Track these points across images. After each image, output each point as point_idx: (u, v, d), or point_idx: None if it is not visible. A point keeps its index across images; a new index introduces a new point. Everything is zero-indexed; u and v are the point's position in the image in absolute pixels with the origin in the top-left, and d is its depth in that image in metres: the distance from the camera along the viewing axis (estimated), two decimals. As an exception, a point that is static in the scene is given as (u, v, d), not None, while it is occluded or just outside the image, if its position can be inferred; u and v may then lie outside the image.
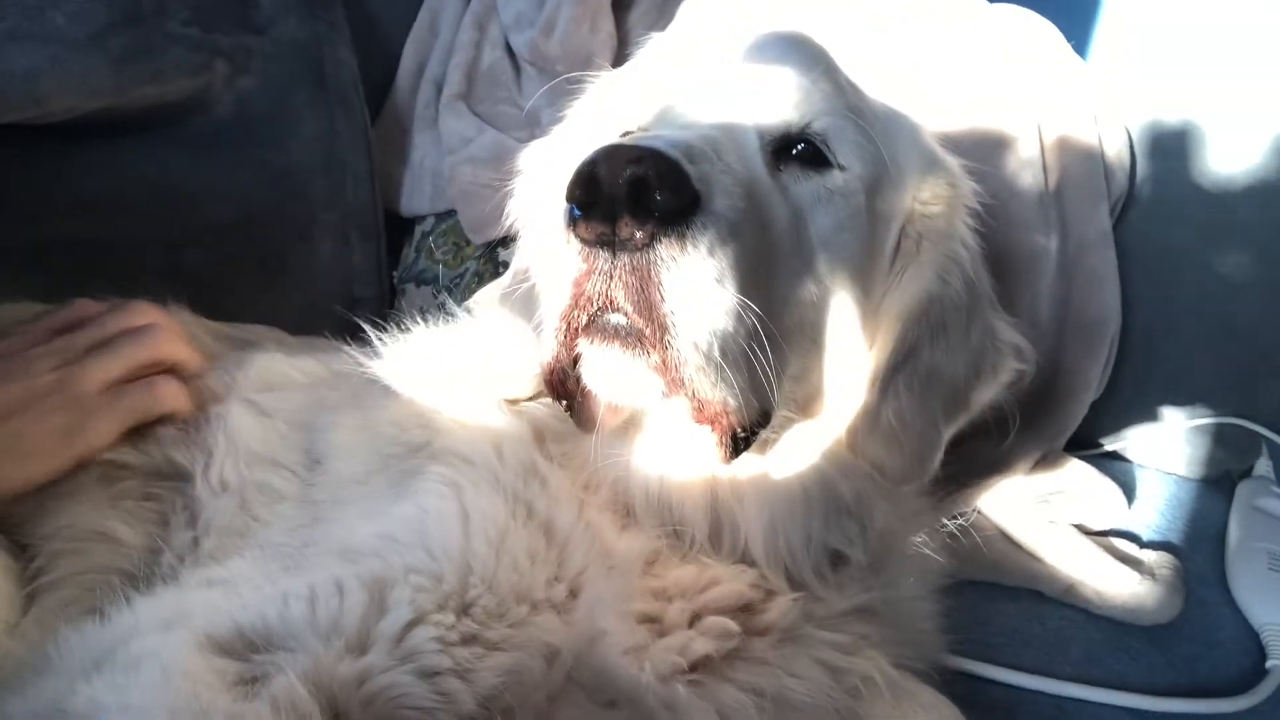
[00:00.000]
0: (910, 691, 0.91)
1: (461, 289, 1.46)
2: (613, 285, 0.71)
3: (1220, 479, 1.33)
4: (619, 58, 1.46)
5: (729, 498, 0.89)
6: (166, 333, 1.09)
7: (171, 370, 1.08)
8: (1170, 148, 1.46)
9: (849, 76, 0.93)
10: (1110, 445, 1.35)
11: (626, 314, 0.72)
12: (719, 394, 0.74)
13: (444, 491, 0.87)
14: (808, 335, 0.86)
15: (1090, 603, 1.08)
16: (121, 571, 0.93)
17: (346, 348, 1.10)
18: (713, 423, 0.76)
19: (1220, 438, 1.32)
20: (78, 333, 1.06)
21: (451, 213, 1.52)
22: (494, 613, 0.80)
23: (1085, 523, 1.18)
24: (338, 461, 0.97)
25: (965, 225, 0.95)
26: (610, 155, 0.68)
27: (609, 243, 0.70)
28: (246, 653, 0.74)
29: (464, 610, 0.79)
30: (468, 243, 1.48)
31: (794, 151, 0.86)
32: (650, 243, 0.69)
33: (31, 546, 0.96)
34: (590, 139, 0.94)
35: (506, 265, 1.43)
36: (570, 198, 0.70)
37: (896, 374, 0.92)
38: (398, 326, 1.08)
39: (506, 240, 1.44)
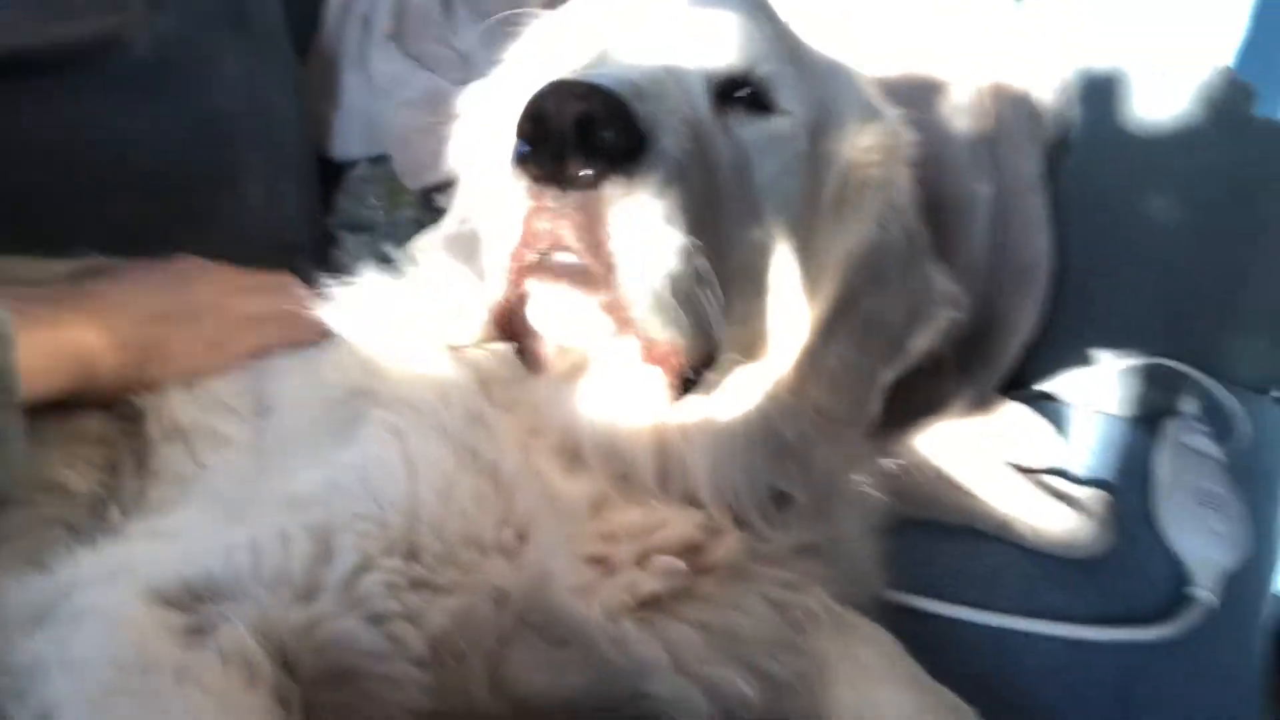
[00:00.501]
0: (852, 624, 0.94)
1: (400, 235, 1.43)
2: (561, 223, 0.70)
3: (1149, 417, 1.37)
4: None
5: (675, 439, 0.90)
6: (300, 291, 1.11)
7: None
8: (1105, 94, 1.47)
9: (788, 27, 0.93)
10: (1044, 386, 1.38)
11: (575, 252, 0.71)
12: (667, 334, 0.74)
13: (388, 438, 0.86)
14: (752, 279, 0.86)
15: (1025, 539, 1.11)
16: (68, 525, 0.92)
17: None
18: (661, 363, 0.76)
19: (1150, 377, 1.35)
20: (232, 275, 1.17)
21: (385, 157, 1.48)
22: (442, 558, 0.80)
23: (1021, 461, 1.20)
24: (285, 411, 0.97)
25: (903, 174, 0.96)
26: (557, 91, 0.67)
27: (557, 180, 0.69)
28: (193, 604, 0.73)
29: (412, 555, 0.79)
30: (404, 188, 1.45)
31: (737, 95, 0.86)
32: (598, 181, 0.68)
33: None
34: (531, 82, 0.93)
35: (445, 211, 1.40)
36: (519, 134, 0.69)
37: (837, 319, 0.93)
38: (343, 273, 1.07)
39: (444, 186, 1.42)
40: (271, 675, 0.70)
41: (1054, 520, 1.11)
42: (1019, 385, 1.38)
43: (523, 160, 0.69)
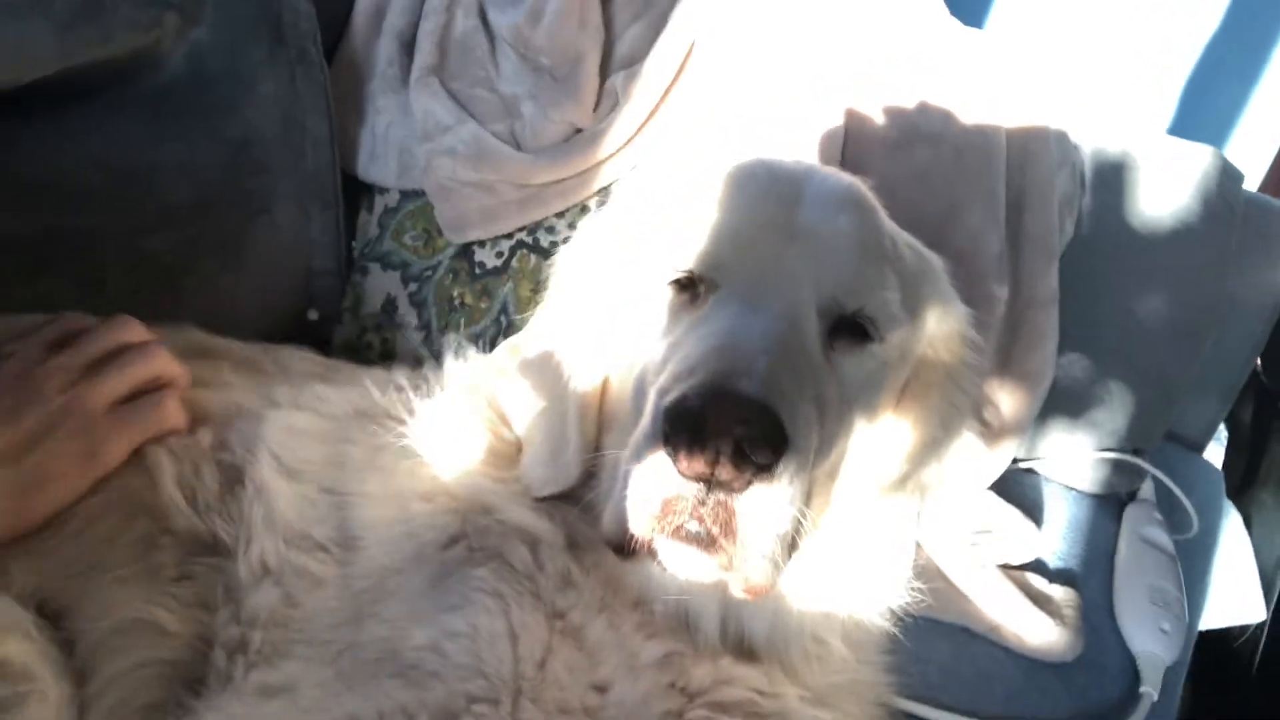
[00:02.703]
0: None
1: (434, 283, 1.44)
2: (700, 508, 0.79)
3: (1112, 496, 1.52)
4: (606, 54, 1.41)
5: (737, 605, 1.00)
6: (161, 348, 1.08)
7: (166, 385, 1.08)
8: (1110, 182, 1.55)
9: (889, 226, 0.99)
10: (1024, 464, 1.51)
11: (706, 526, 0.80)
12: (772, 577, 0.84)
13: (491, 606, 0.93)
14: (827, 477, 0.96)
15: (1010, 644, 1.25)
16: (167, 663, 0.95)
17: (370, 382, 1.15)
18: (753, 592, 0.87)
19: (1117, 464, 1.49)
20: (74, 349, 1.04)
21: (419, 192, 1.47)
22: None
23: (1008, 560, 1.34)
24: (373, 545, 1.01)
25: (968, 373, 1.04)
26: (719, 407, 0.76)
27: (705, 479, 0.77)
28: None
29: None
30: (439, 232, 1.45)
31: (841, 323, 0.93)
32: (743, 487, 0.78)
33: (72, 642, 0.95)
34: (630, 268, 0.98)
35: (483, 267, 1.42)
36: (673, 432, 0.77)
37: (895, 488, 1.03)
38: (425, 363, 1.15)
39: (485, 242, 1.44)
40: None
41: (1036, 631, 1.25)
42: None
43: (675, 455, 0.78)
